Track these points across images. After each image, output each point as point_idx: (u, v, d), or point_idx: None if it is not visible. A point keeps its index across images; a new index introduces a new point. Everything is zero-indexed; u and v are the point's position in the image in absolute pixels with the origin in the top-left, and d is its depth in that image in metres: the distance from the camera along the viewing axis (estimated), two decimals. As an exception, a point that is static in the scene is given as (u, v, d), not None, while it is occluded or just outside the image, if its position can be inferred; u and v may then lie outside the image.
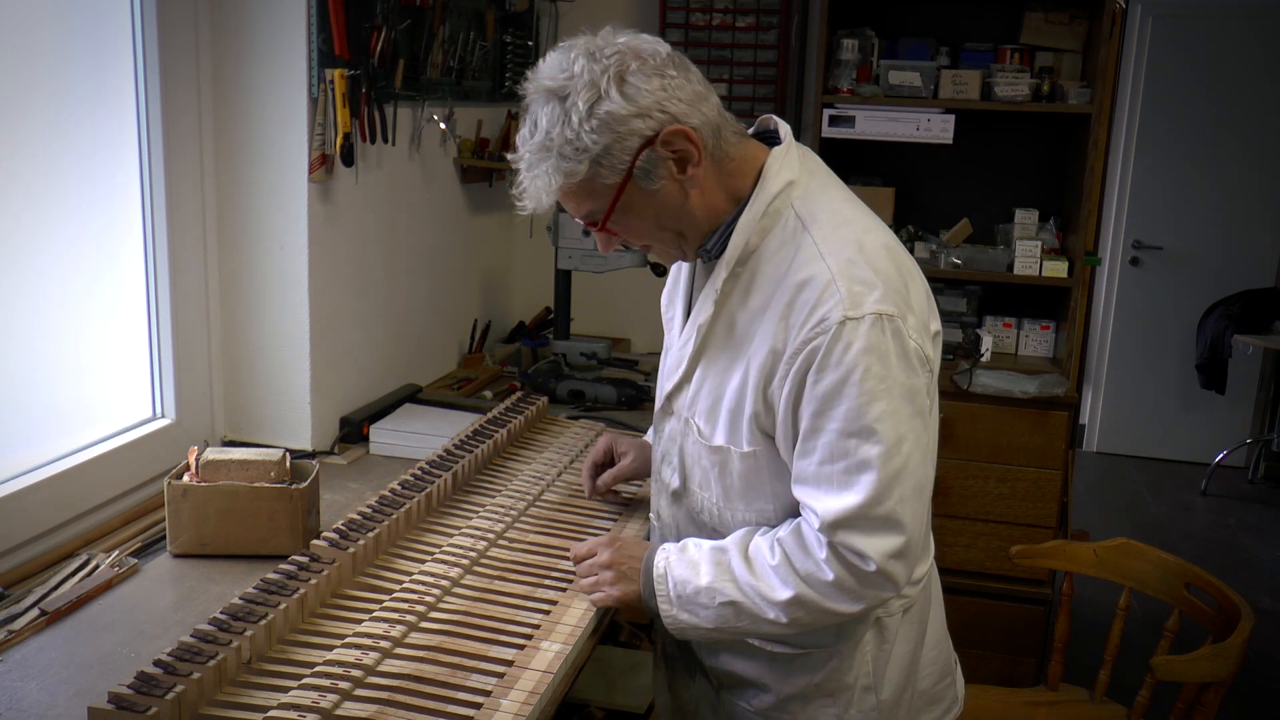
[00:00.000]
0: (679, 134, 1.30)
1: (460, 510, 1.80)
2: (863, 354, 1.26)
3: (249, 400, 2.15)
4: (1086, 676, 2.42)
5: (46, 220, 1.73)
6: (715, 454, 1.43)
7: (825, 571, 1.32)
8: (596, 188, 1.32)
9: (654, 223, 1.37)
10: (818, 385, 1.28)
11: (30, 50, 1.68)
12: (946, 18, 3.26)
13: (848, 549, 1.30)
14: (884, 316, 1.28)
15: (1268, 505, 5.17)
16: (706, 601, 1.39)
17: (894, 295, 1.29)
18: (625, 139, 1.29)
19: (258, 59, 2.01)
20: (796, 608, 1.34)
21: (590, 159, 1.29)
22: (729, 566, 1.39)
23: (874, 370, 1.27)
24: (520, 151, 1.36)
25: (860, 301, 1.27)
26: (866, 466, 1.28)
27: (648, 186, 1.32)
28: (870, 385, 1.27)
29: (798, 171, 1.38)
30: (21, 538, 1.63)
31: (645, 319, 3.28)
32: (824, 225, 1.34)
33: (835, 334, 1.27)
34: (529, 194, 1.35)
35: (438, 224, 2.67)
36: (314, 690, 1.23)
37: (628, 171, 1.31)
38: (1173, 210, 5.50)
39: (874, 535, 1.29)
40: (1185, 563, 2.18)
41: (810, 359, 1.28)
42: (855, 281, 1.28)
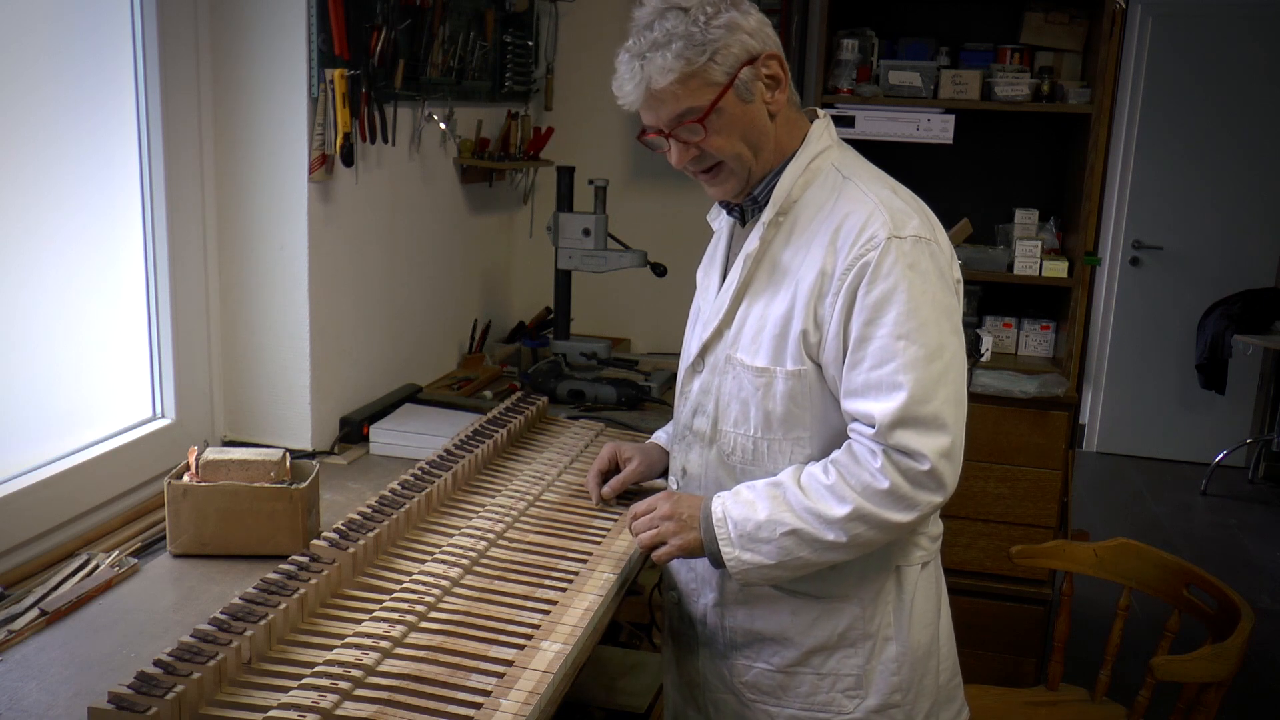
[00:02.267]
0: (775, 58, 1.48)
1: (460, 510, 1.80)
2: (909, 268, 1.40)
3: (249, 400, 2.15)
4: (1086, 676, 2.42)
5: (46, 220, 1.73)
6: (760, 377, 1.51)
7: (880, 480, 1.39)
8: (704, 84, 1.44)
9: (740, 135, 1.48)
10: (869, 295, 1.40)
11: (30, 50, 1.67)
12: (946, 18, 3.26)
13: (902, 451, 1.38)
14: (923, 240, 1.43)
15: (1268, 505, 5.17)
16: (768, 535, 1.44)
17: (927, 224, 1.46)
18: (736, 46, 1.44)
19: (258, 59, 2.01)
20: (855, 523, 1.40)
21: (711, 51, 1.42)
22: (784, 498, 1.45)
23: (918, 284, 1.40)
24: (631, 45, 1.46)
25: (903, 225, 1.43)
26: (914, 365, 1.38)
27: (744, 98, 1.46)
28: (916, 294, 1.39)
29: (833, 141, 1.56)
30: (21, 538, 1.63)
31: (645, 319, 3.28)
32: (862, 176, 1.51)
33: (885, 249, 1.40)
34: (637, 79, 1.45)
35: (438, 224, 2.67)
36: (314, 690, 1.23)
37: (732, 77, 1.44)
38: (1173, 210, 5.51)
39: (925, 433, 1.38)
40: (1185, 563, 2.18)
41: (862, 273, 1.41)
42: (896, 211, 1.44)
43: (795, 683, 1.58)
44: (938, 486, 1.40)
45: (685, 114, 1.46)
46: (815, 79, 3.10)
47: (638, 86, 1.46)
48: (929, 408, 1.38)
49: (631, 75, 1.46)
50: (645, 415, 2.49)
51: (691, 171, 1.55)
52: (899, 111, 3.00)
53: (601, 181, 2.58)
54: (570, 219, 2.59)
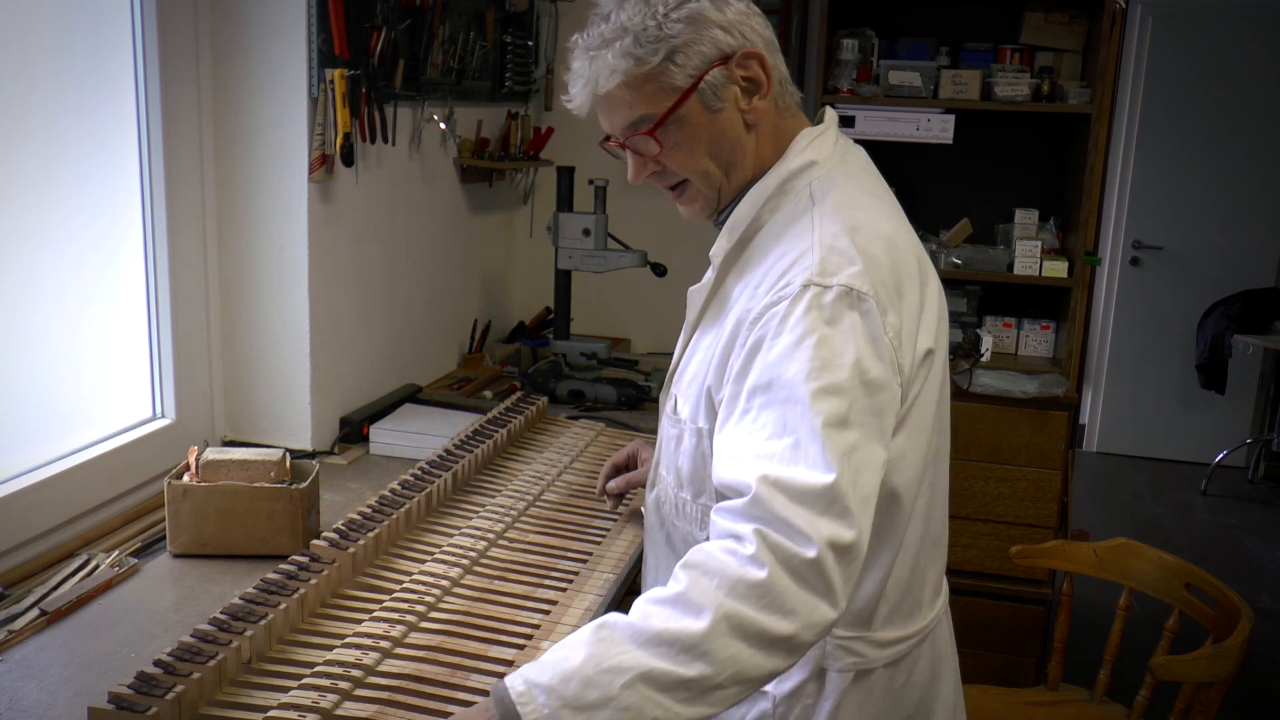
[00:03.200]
0: (755, 58, 1.24)
1: (460, 510, 1.80)
2: (821, 323, 1.12)
3: (249, 400, 2.15)
4: (1086, 676, 2.42)
5: (47, 220, 1.73)
6: (673, 427, 1.32)
7: (754, 568, 1.04)
8: (659, 88, 1.23)
9: (706, 149, 1.26)
10: (770, 352, 1.13)
11: (30, 50, 1.67)
12: (946, 18, 3.26)
13: (782, 529, 1.05)
14: (855, 292, 1.14)
15: (1268, 505, 5.17)
16: (601, 695, 1.02)
17: (875, 279, 1.16)
18: (703, 43, 1.22)
19: (258, 59, 2.01)
20: (726, 639, 1.02)
21: (666, 50, 1.21)
22: (613, 635, 1.05)
23: (833, 342, 1.11)
24: (582, 39, 1.28)
25: (832, 271, 1.15)
26: (815, 436, 1.08)
27: (711, 105, 1.24)
28: (825, 355, 1.11)
29: (825, 154, 1.29)
30: (21, 538, 1.63)
31: (645, 319, 3.28)
32: (828, 204, 1.24)
33: (796, 298, 1.14)
34: (584, 79, 1.26)
35: (438, 224, 2.67)
36: (314, 690, 1.23)
37: (696, 80, 1.22)
38: (1173, 210, 5.51)
39: (818, 514, 1.05)
40: (1185, 563, 2.18)
41: (766, 327, 1.15)
42: (833, 252, 1.17)
43: None
44: (824, 589, 1.04)
45: (638, 122, 1.25)
46: (815, 79, 3.10)
47: (584, 88, 1.26)
48: (829, 485, 1.06)
49: (578, 74, 1.27)
50: (645, 415, 2.49)
51: (661, 187, 1.34)
52: (899, 111, 3.00)
53: (601, 181, 2.58)
54: (570, 219, 2.59)
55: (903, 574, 1.29)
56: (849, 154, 1.34)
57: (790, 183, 1.27)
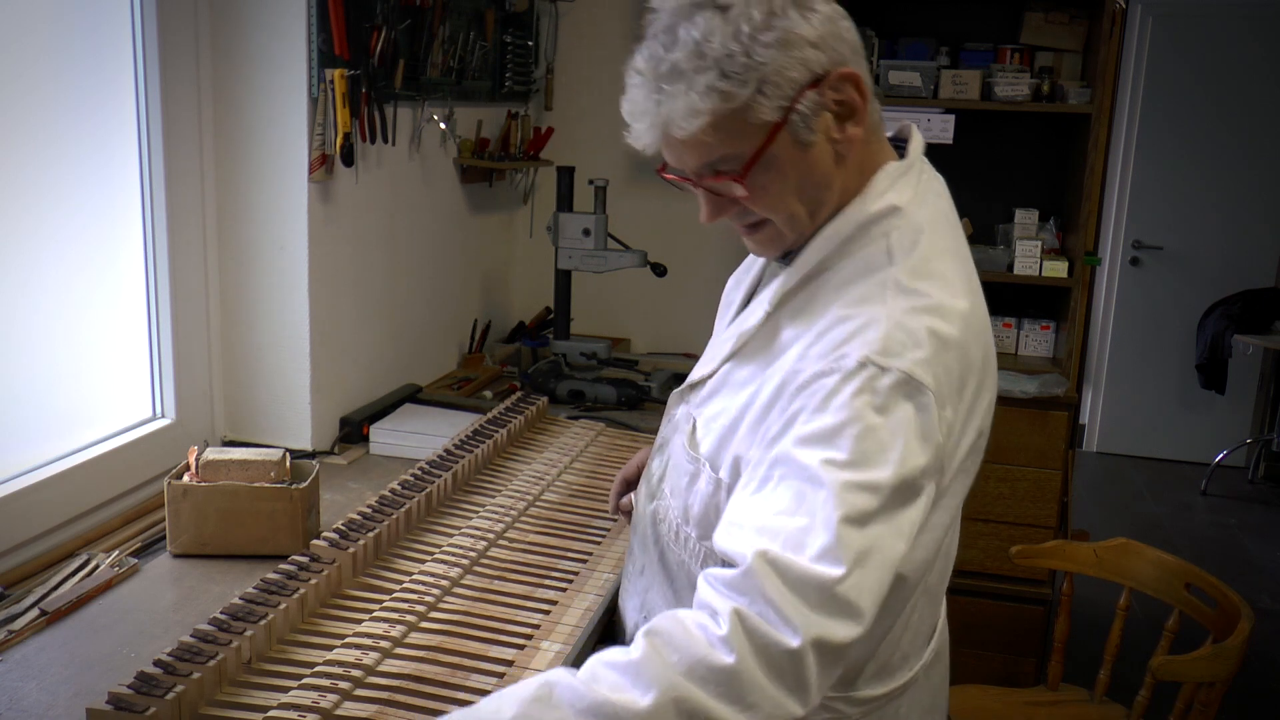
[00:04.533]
0: (850, 78, 1.07)
1: (460, 510, 1.80)
2: (870, 410, 1.01)
3: (249, 400, 2.15)
4: (1086, 676, 2.42)
5: (47, 220, 1.73)
6: (691, 464, 1.22)
7: (721, 652, 0.95)
8: (747, 125, 1.06)
9: (794, 188, 1.11)
10: (807, 425, 1.03)
11: (30, 50, 1.67)
12: (946, 18, 3.26)
13: (769, 610, 0.95)
14: (914, 382, 1.03)
15: (1268, 505, 5.17)
16: None
17: (939, 369, 1.04)
18: (794, 68, 1.04)
19: (258, 59, 2.01)
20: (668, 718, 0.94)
21: (756, 81, 1.03)
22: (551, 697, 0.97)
23: (878, 435, 1.01)
24: (644, 63, 1.08)
25: (894, 352, 1.03)
26: (831, 525, 0.98)
27: (801, 138, 1.07)
28: (866, 448, 1.00)
29: (908, 199, 1.14)
30: (21, 538, 1.63)
31: (645, 319, 3.28)
32: (906, 267, 1.10)
33: (848, 374, 1.02)
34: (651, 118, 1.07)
35: (438, 224, 2.67)
36: (314, 690, 1.23)
37: (786, 111, 1.05)
38: (1173, 210, 5.51)
39: (817, 608, 0.96)
40: (1185, 563, 2.18)
41: (813, 395, 1.04)
42: (901, 330, 1.04)
43: None
44: (795, 686, 0.95)
45: (719, 163, 1.09)
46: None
47: (652, 128, 1.08)
48: (833, 580, 0.96)
49: (645, 110, 1.08)
50: (645, 415, 2.49)
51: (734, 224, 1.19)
52: (899, 111, 2.99)
53: (601, 181, 2.58)
54: (570, 219, 2.59)
55: (895, 634, 1.21)
56: (930, 196, 1.19)
57: (867, 229, 1.13)
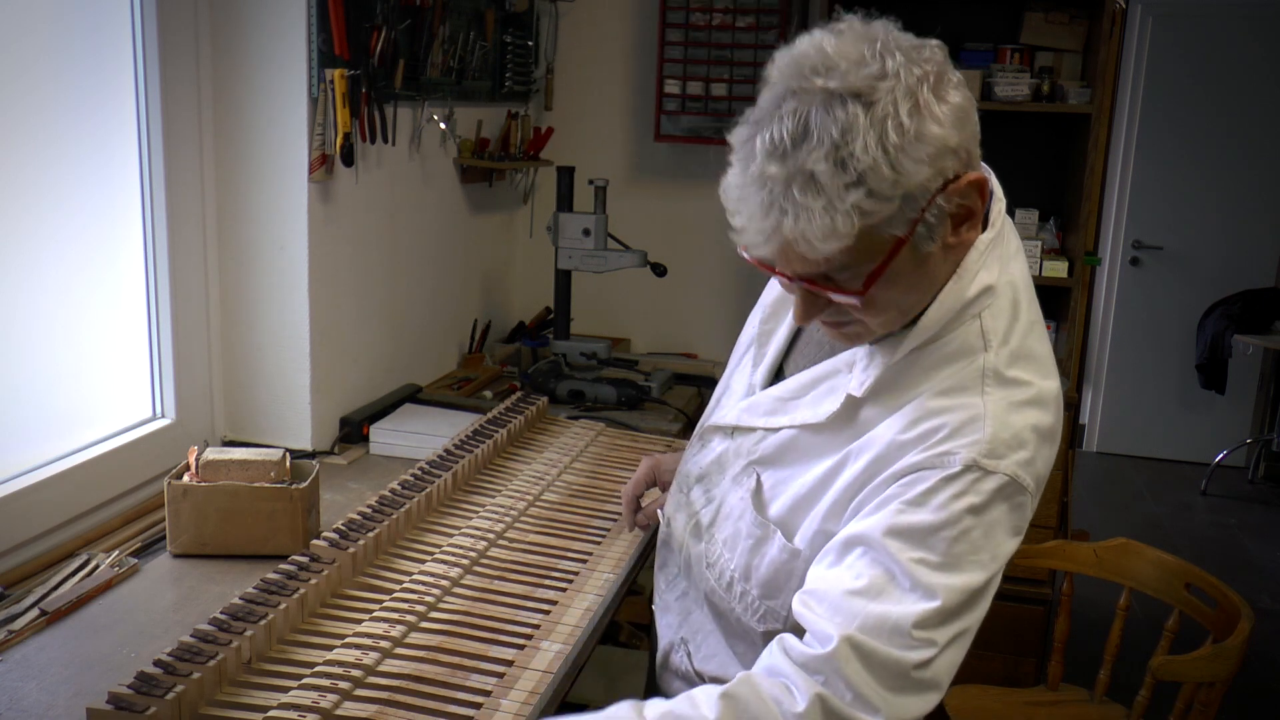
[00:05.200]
0: (977, 184, 1.00)
1: (460, 510, 1.80)
2: (969, 514, 1.01)
3: (249, 400, 2.15)
4: (1086, 676, 2.42)
5: (47, 220, 1.73)
6: (759, 528, 1.18)
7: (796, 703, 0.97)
8: (875, 239, 0.97)
9: (903, 296, 1.04)
10: (902, 516, 1.01)
11: (30, 50, 1.67)
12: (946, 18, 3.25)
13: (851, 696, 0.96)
14: (1016, 484, 1.03)
15: (1268, 505, 5.17)
16: None
17: (1038, 467, 1.05)
18: (935, 179, 0.96)
19: (258, 59, 2.01)
20: None
21: (901, 197, 0.94)
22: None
23: (973, 537, 1.01)
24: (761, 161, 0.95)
25: (999, 454, 1.02)
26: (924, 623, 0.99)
27: (922, 248, 1.00)
28: (961, 550, 1.01)
29: (997, 274, 1.09)
30: (21, 538, 1.63)
31: (645, 319, 3.28)
32: (1004, 356, 1.07)
33: (952, 476, 1.01)
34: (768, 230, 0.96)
35: (438, 224, 2.67)
36: (314, 690, 1.23)
37: (913, 225, 0.97)
38: (1173, 210, 5.51)
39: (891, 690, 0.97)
40: (1185, 563, 2.18)
41: (911, 486, 1.02)
42: (1006, 429, 1.03)
43: None
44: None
45: (836, 273, 1.01)
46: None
47: (772, 239, 0.97)
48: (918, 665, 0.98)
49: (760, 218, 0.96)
50: (645, 415, 2.49)
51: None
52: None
53: (601, 181, 2.58)
54: (570, 219, 2.59)
55: None
56: (1010, 258, 1.13)
57: (963, 313, 1.08)
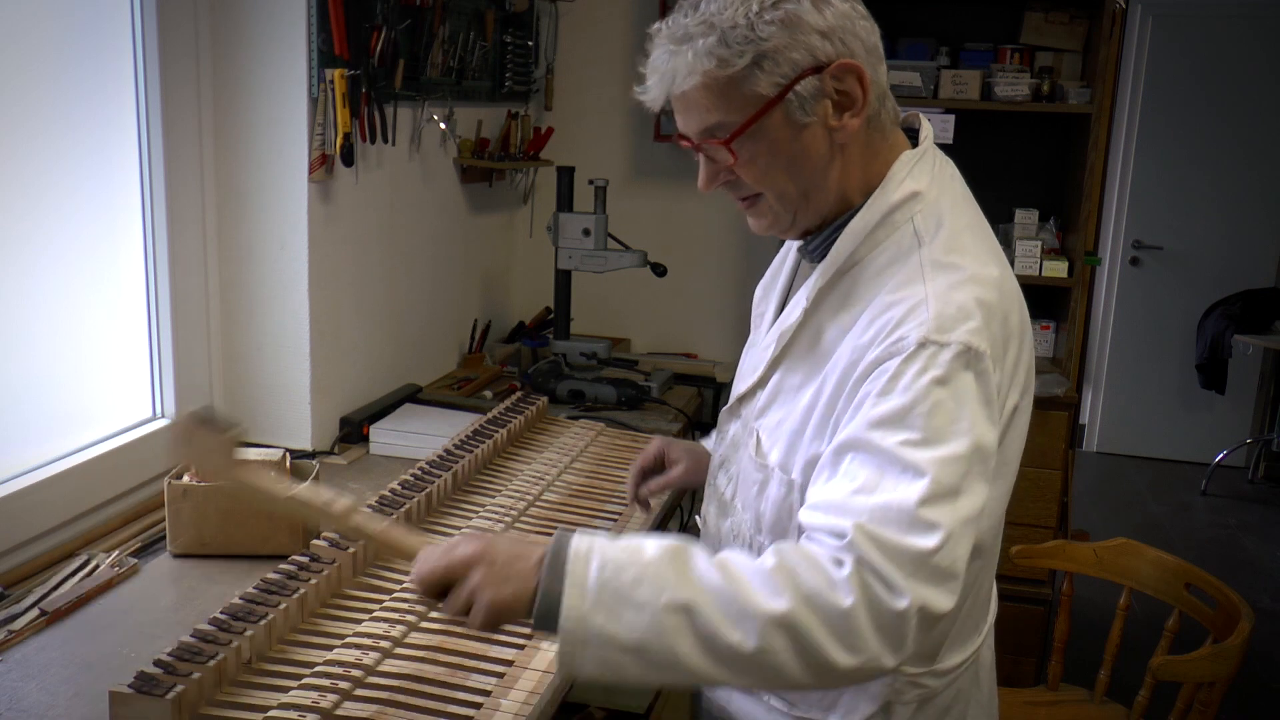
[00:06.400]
0: (853, 70, 1.13)
1: (460, 510, 1.80)
2: (937, 384, 1.06)
3: (249, 400, 2.15)
4: (1086, 676, 2.42)
5: (47, 220, 1.73)
6: (759, 472, 1.25)
7: (842, 594, 1.01)
8: (741, 95, 1.13)
9: (784, 166, 1.17)
10: (877, 408, 1.08)
11: (30, 50, 1.67)
12: (946, 18, 3.26)
13: (879, 575, 1.02)
14: (973, 350, 1.08)
15: (1268, 505, 5.17)
16: (645, 599, 1.02)
17: (990, 335, 1.11)
18: (796, 50, 1.11)
19: (258, 59, 2.01)
20: (780, 632, 1.01)
21: (754, 54, 1.11)
22: (691, 561, 1.05)
23: (947, 405, 1.06)
24: (665, 27, 1.17)
25: (949, 328, 1.09)
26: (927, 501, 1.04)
27: (796, 119, 1.14)
28: (938, 423, 1.06)
29: (926, 183, 1.21)
30: (21, 538, 1.63)
31: (645, 319, 3.28)
32: (938, 247, 1.16)
33: (911, 356, 1.08)
34: (659, 74, 1.16)
35: (438, 224, 2.67)
36: (314, 690, 1.23)
37: (783, 90, 1.12)
38: (1173, 210, 5.51)
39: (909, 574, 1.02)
40: (1185, 563, 2.18)
41: (877, 380, 1.09)
42: (950, 305, 1.10)
43: None
44: (895, 644, 1.02)
45: (714, 129, 1.15)
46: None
47: (659, 83, 1.16)
48: (930, 551, 1.03)
49: (653, 67, 1.17)
50: (645, 415, 2.49)
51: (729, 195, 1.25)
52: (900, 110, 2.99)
53: (601, 181, 2.58)
54: (570, 219, 2.59)
55: (969, 605, 1.28)
56: (946, 179, 1.25)
57: (891, 216, 1.19)
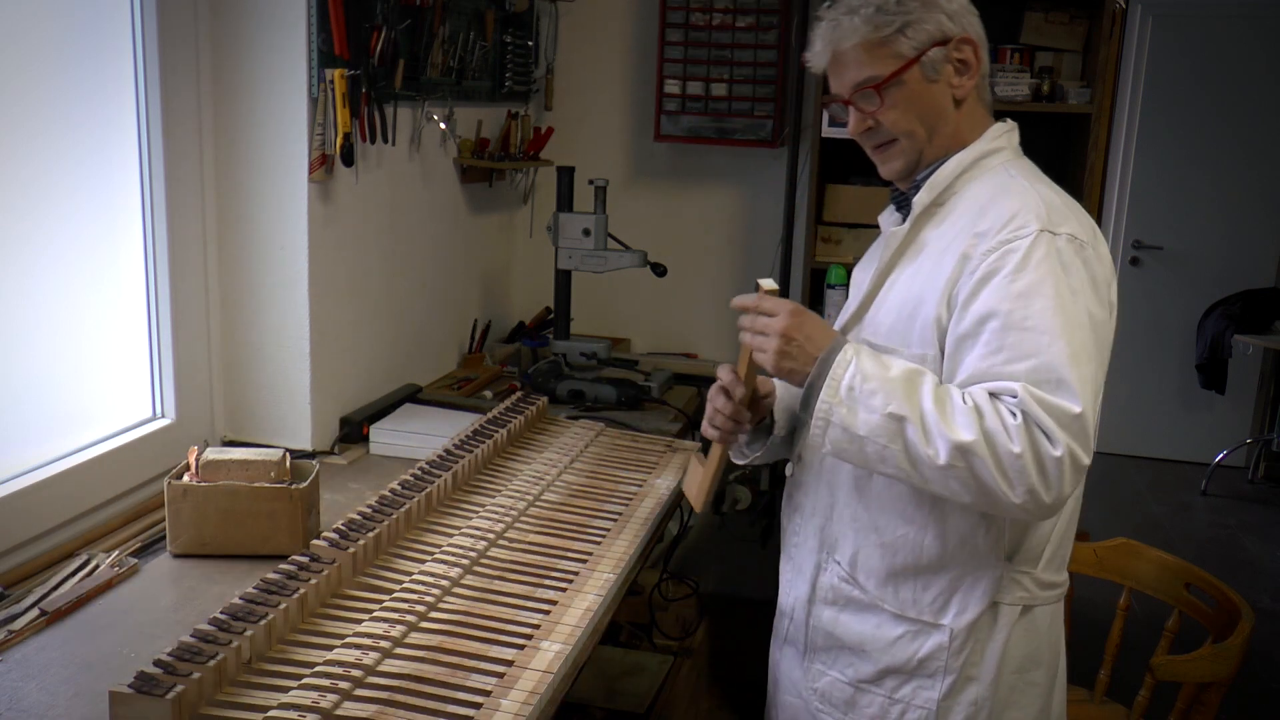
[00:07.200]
0: (970, 44, 1.44)
1: (460, 510, 1.80)
2: (1060, 266, 1.30)
3: (249, 400, 2.15)
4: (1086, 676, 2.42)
5: (47, 221, 1.73)
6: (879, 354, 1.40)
7: (1013, 440, 1.25)
8: (889, 54, 1.42)
9: (917, 114, 1.44)
10: (1014, 284, 1.30)
11: (30, 50, 1.68)
12: (946, 18, 3.26)
13: (1040, 424, 1.25)
14: (1079, 240, 1.34)
15: (1268, 505, 5.17)
16: (877, 405, 1.30)
17: (1089, 233, 1.36)
18: (930, 23, 1.42)
19: (258, 59, 2.01)
20: (963, 457, 1.26)
21: (900, 23, 1.41)
22: (919, 386, 1.31)
23: (1069, 284, 1.30)
24: (829, 9, 1.47)
25: (1059, 223, 1.34)
26: (1065, 363, 1.27)
27: (929, 76, 1.43)
28: (1065, 295, 1.29)
29: (1014, 150, 1.50)
30: (21, 538, 1.63)
31: (645, 319, 3.29)
32: (1030, 178, 1.43)
33: (1036, 240, 1.31)
34: (825, 40, 1.46)
35: (438, 224, 2.67)
36: (314, 690, 1.23)
37: (920, 53, 1.42)
38: (1173, 210, 5.50)
39: (1069, 430, 1.25)
40: (1185, 563, 2.18)
41: (1005, 260, 1.31)
42: (1054, 209, 1.36)
43: (865, 701, 1.50)
44: (1047, 485, 1.25)
45: (865, 81, 1.43)
46: (815, 79, 3.10)
47: (825, 47, 1.46)
48: (1079, 414, 1.25)
49: (822, 35, 1.46)
50: (645, 415, 2.49)
51: (867, 146, 1.51)
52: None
53: (601, 181, 2.58)
54: (570, 219, 2.59)
55: (1063, 525, 1.47)
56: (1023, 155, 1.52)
57: (986, 160, 1.46)
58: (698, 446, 2.25)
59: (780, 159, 3.14)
